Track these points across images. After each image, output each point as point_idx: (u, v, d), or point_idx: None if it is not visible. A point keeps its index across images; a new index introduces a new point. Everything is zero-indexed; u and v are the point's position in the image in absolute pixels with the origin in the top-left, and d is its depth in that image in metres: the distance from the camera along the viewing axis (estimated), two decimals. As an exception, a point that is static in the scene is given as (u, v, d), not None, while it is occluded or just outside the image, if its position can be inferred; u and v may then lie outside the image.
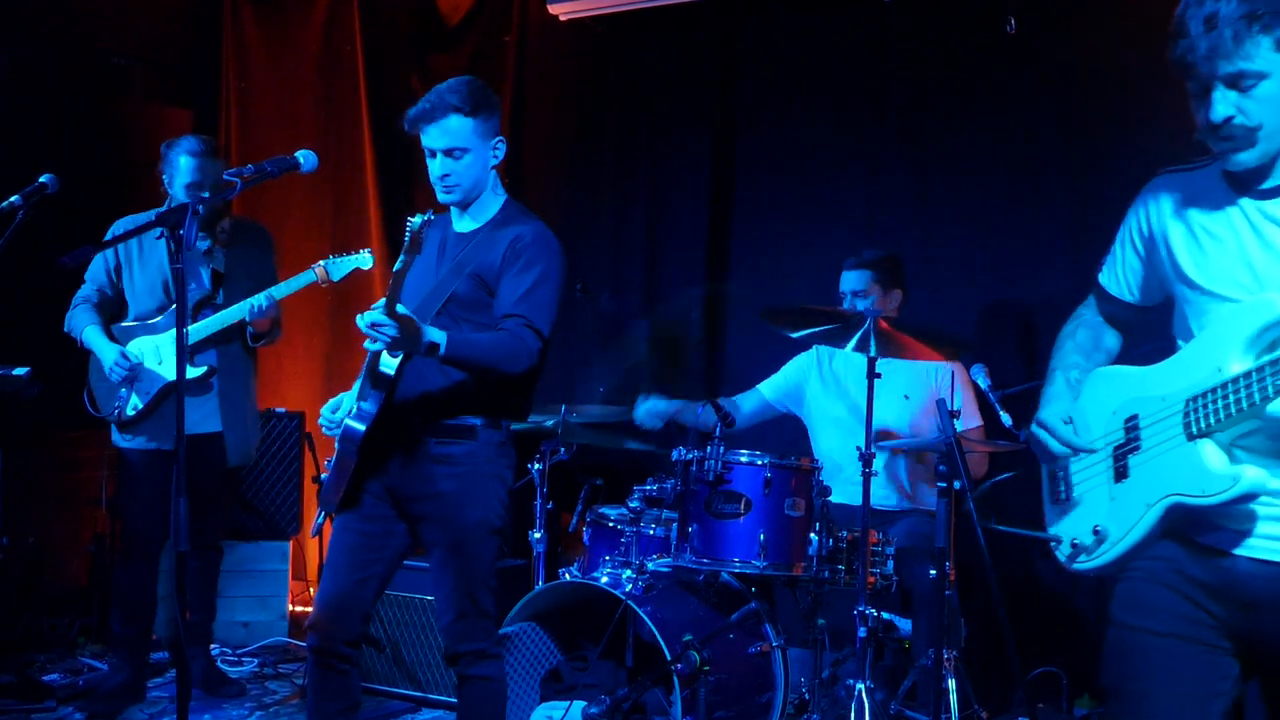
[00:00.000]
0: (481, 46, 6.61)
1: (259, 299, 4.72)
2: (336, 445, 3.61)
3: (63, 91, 6.26)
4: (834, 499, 4.36)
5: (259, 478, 6.07)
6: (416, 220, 3.30)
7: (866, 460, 3.99)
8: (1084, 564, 2.48)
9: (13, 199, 3.76)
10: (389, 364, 3.52)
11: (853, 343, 4.16)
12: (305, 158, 3.54)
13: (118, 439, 4.92)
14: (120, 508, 5.08)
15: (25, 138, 5.72)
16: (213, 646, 5.41)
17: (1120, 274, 2.63)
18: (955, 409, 4.09)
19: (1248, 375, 2.17)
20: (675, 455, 4.28)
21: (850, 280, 4.87)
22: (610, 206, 6.28)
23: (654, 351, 6.12)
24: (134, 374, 4.78)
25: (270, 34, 7.13)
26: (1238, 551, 2.27)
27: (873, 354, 4.05)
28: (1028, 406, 4.40)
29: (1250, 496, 2.21)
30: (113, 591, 5.02)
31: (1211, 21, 2.19)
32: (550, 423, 4.80)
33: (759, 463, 4.16)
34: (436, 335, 3.35)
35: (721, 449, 4.16)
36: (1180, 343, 2.43)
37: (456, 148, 3.60)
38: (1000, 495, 4.60)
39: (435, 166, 3.65)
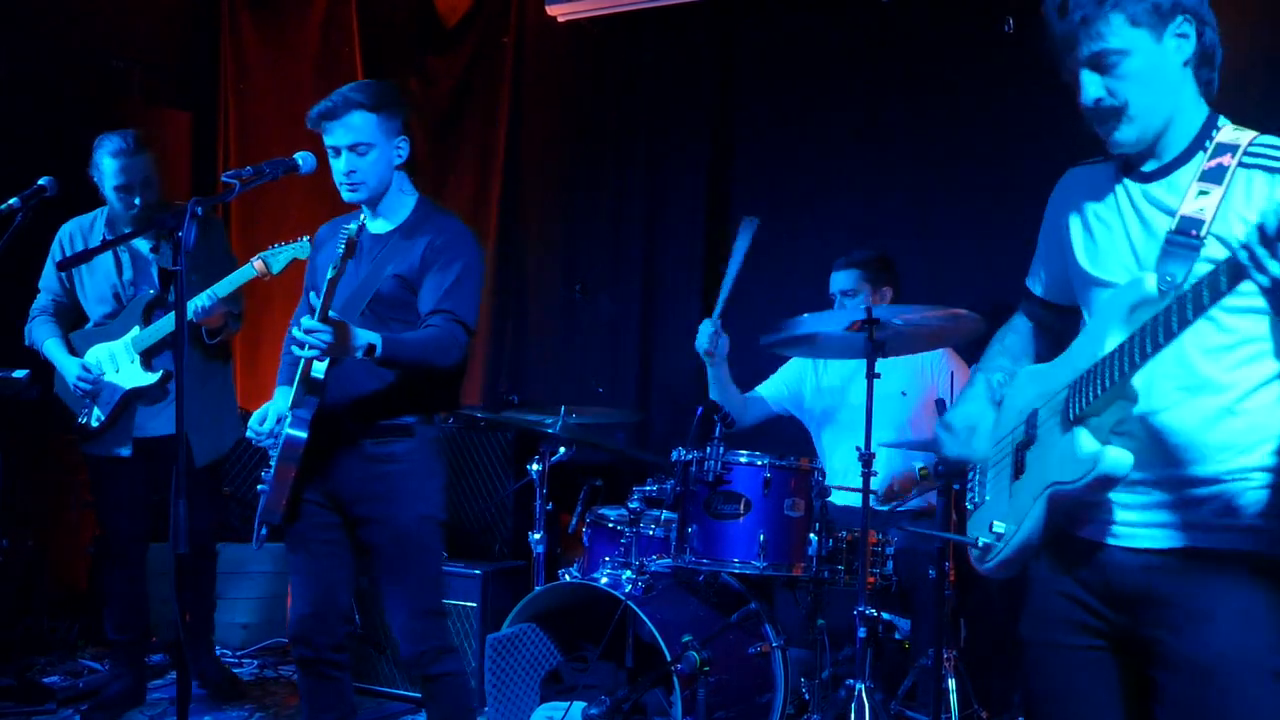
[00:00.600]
0: (479, 48, 6.61)
1: (200, 299, 4.55)
2: (273, 456, 3.61)
3: (61, 94, 6.25)
4: (837, 500, 4.38)
5: (253, 478, 6.04)
6: (353, 226, 3.34)
7: (866, 460, 3.98)
8: (987, 564, 2.40)
9: (11, 201, 3.77)
10: (320, 370, 3.55)
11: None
12: (304, 159, 3.55)
13: (85, 447, 4.85)
14: (97, 515, 5.04)
15: (24, 140, 5.71)
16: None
17: (1041, 274, 2.62)
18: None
19: (1113, 353, 2.12)
20: (675, 456, 4.28)
21: (840, 280, 4.86)
22: (608, 207, 6.28)
23: (652, 353, 6.12)
24: (97, 386, 4.70)
25: (268, 36, 7.13)
26: (1109, 541, 2.26)
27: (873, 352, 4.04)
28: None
29: (1111, 480, 2.14)
30: (104, 599, 5.00)
31: (1063, 8, 2.23)
32: (550, 423, 4.80)
33: (758, 463, 4.16)
34: (371, 337, 3.37)
35: (721, 450, 4.16)
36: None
37: (361, 143, 3.64)
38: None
39: (339, 164, 3.68)
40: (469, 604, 5.06)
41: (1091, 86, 2.28)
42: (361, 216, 3.50)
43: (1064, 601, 2.33)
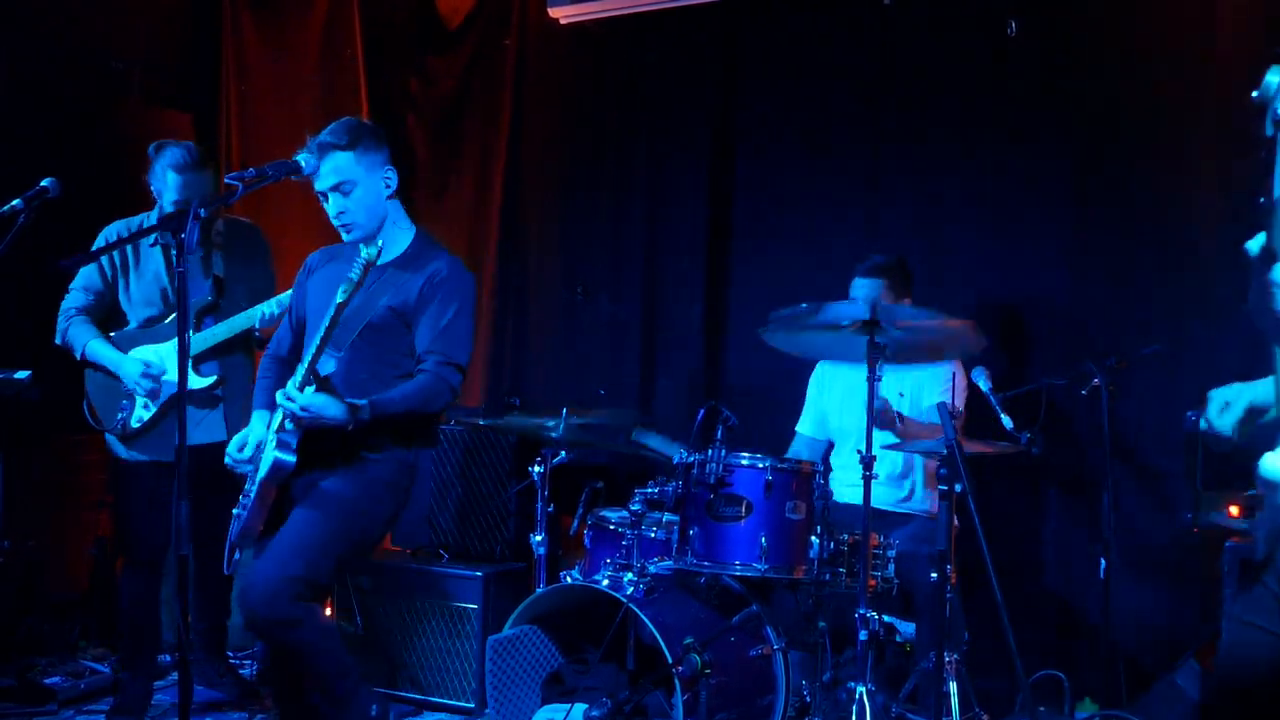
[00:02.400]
0: (481, 49, 6.61)
1: (269, 306, 4.63)
2: (254, 480, 3.63)
3: (62, 95, 6.25)
4: (843, 500, 4.40)
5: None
6: (370, 251, 3.39)
7: (867, 463, 3.98)
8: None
9: (14, 202, 3.77)
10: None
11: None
12: (306, 161, 3.56)
13: (120, 451, 4.83)
14: (120, 520, 5.03)
15: (25, 141, 5.71)
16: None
17: None
18: (957, 410, 4.10)
19: None
20: (676, 458, 4.28)
21: (863, 288, 4.83)
22: (610, 209, 6.28)
23: (653, 354, 6.12)
24: (158, 384, 4.69)
25: (269, 37, 7.13)
26: None
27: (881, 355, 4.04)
28: (1028, 409, 4.44)
29: None
30: (118, 605, 4.98)
31: None
32: (551, 425, 4.80)
33: (760, 466, 4.16)
34: (356, 410, 3.45)
35: (722, 452, 4.16)
36: None
37: (344, 182, 3.70)
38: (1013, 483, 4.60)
39: (330, 207, 3.75)
40: (470, 606, 5.06)
41: None
42: (378, 243, 3.51)
43: None
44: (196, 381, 4.70)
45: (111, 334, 4.82)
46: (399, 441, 3.71)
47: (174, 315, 4.77)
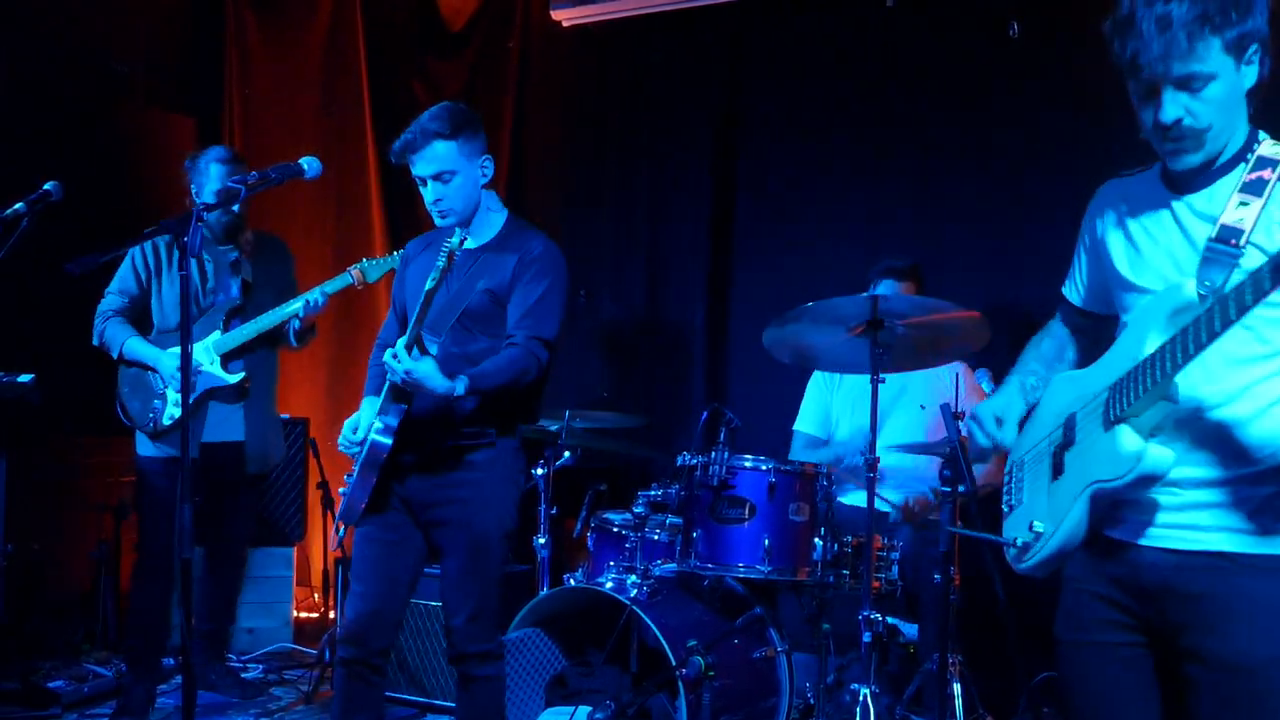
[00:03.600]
0: (484, 52, 6.62)
1: (314, 294, 4.80)
2: (358, 461, 3.67)
3: (64, 98, 6.26)
4: (846, 500, 4.37)
5: (263, 484, 6.07)
6: (455, 240, 3.42)
7: (871, 465, 3.98)
8: (1025, 563, 2.45)
9: (17, 206, 3.76)
10: None
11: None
12: (309, 164, 3.56)
13: (146, 449, 4.90)
14: (141, 521, 5.06)
15: (27, 144, 5.72)
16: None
17: (1078, 283, 2.69)
18: (960, 411, 4.09)
19: (1154, 354, 2.17)
20: (679, 460, 4.28)
21: (888, 289, 4.80)
22: (613, 211, 6.29)
23: (656, 356, 6.12)
24: (194, 376, 4.80)
25: (272, 39, 7.13)
26: (1142, 542, 2.30)
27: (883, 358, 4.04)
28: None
29: (1153, 478, 2.20)
30: (129, 606, 5.00)
31: (1165, 22, 2.20)
32: (554, 428, 4.80)
33: (763, 468, 4.16)
34: (451, 385, 3.48)
35: (725, 454, 4.16)
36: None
37: (445, 171, 3.71)
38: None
39: (428, 194, 3.76)
40: (473, 608, 5.05)
41: (1173, 106, 2.28)
42: (462, 232, 3.53)
43: (1098, 602, 2.39)
44: (227, 377, 4.86)
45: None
46: (505, 430, 3.76)
47: (203, 317, 4.89)
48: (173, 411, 4.83)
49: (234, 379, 4.86)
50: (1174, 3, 2.19)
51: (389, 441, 3.61)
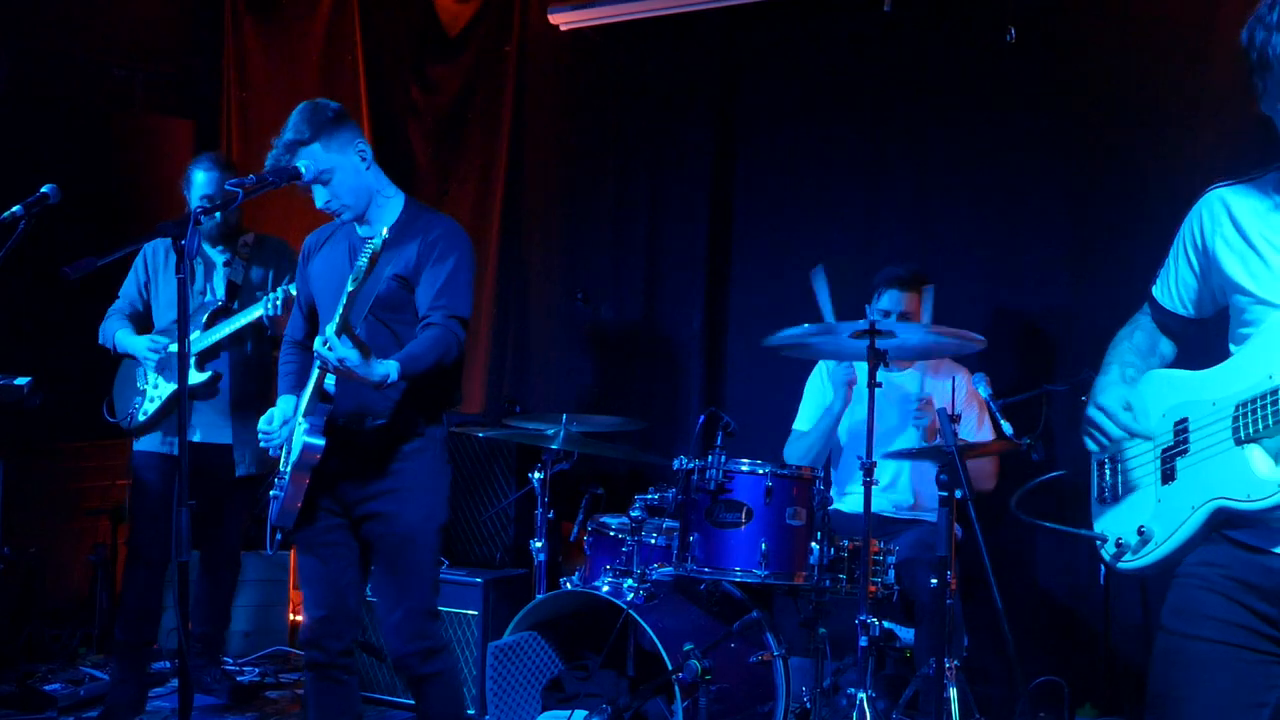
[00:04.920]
0: (482, 56, 6.62)
1: (274, 296, 4.78)
2: (288, 462, 3.64)
3: (63, 102, 6.26)
4: (845, 508, 4.39)
5: (258, 487, 6.06)
6: (378, 241, 3.34)
7: (868, 469, 3.99)
8: (1129, 563, 2.49)
9: (14, 209, 3.76)
10: (332, 381, 3.59)
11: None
12: (307, 168, 3.56)
13: (139, 444, 4.98)
14: (132, 516, 5.09)
15: (26, 148, 5.72)
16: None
17: (1173, 288, 2.63)
18: (956, 414, 4.10)
19: None
20: (676, 464, 4.28)
21: (893, 299, 4.80)
22: (611, 215, 6.28)
23: (654, 361, 6.12)
24: (165, 354, 4.85)
25: (271, 44, 7.14)
26: (1277, 549, 2.28)
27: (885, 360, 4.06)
28: (1028, 416, 4.44)
29: None
30: (120, 597, 5.03)
31: None
32: (551, 432, 4.80)
33: (760, 472, 4.16)
34: (386, 368, 3.42)
35: (722, 458, 4.16)
36: (1232, 349, 2.44)
37: (320, 171, 3.68)
38: (1027, 495, 4.59)
39: (317, 199, 3.74)
40: (470, 612, 5.06)
41: None
42: (383, 233, 3.49)
43: (1224, 602, 2.35)
44: (196, 376, 4.87)
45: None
46: (431, 419, 3.75)
47: (191, 318, 4.85)
48: (148, 407, 4.90)
49: (202, 377, 4.87)
50: None
51: (321, 441, 3.56)
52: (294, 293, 4.64)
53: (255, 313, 4.83)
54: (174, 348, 4.85)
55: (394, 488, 3.67)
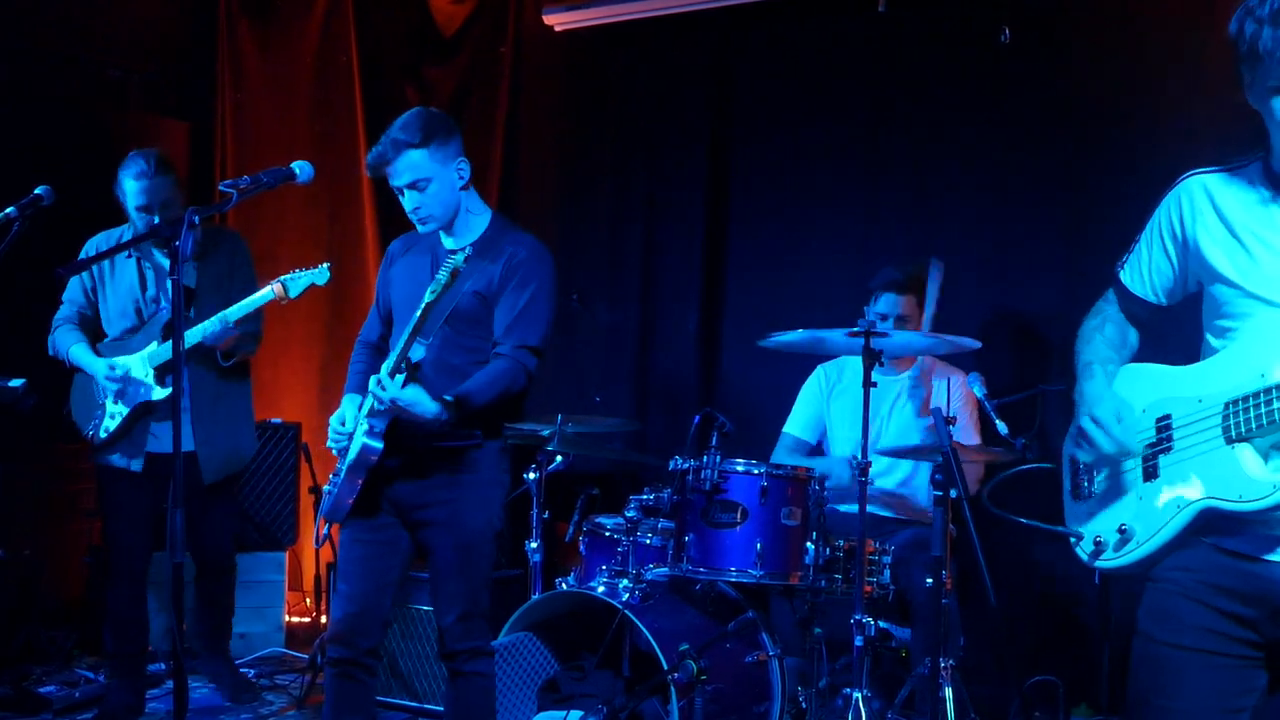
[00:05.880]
0: (477, 57, 6.62)
1: (211, 323, 4.64)
2: (346, 459, 3.67)
3: (58, 103, 6.25)
4: (843, 508, 4.42)
5: (255, 488, 6.06)
6: (460, 257, 3.42)
7: (863, 469, 3.99)
8: (1108, 562, 2.46)
9: (8, 210, 3.76)
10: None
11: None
12: (301, 169, 3.56)
13: (97, 458, 4.88)
14: (104, 524, 5.06)
15: (20, 149, 5.71)
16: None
17: (1145, 274, 2.58)
18: (951, 415, 4.10)
19: None
20: (672, 465, 4.29)
21: (890, 303, 4.81)
22: (607, 216, 6.29)
23: (649, 361, 6.12)
24: (125, 383, 4.73)
25: (266, 45, 7.13)
26: (1270, 557, 2.25)
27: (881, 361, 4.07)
28: (1023, 415, 4.44)
29: None
30: (105, 611, 5.00)
31: (1277, 19, 2.16)
32: (547, 432, 4.80)
33: (755, 472, 4.16)
34: (439, 409, 3.49)
35: (718, 458, 4.16)
36: (1212, 341, 2.41)
37: (419, 179, 3.70)
38: (1004, 491, 4.59)
39: (406, 202, 3.76)
40: (466, 613, 5.06)
41: None
42: (467, 250, 3.53)
43: (1200, 608, 2.33)
44: (158, 393, 4.73)
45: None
46: (491, 432, 3.77)
47: (143, 329, 4.81)
48: (108, 424, 4.78)
49: (164, 393, 4.69)
50: None
51: (380, 445, 3.62)
52: (231, 320, 4.62)
53: (195, 339, 4.65)
54: (135, 372, 4.73)
55: (452, 498, 3.72)
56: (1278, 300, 2.28)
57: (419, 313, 3.45)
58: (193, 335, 4.67)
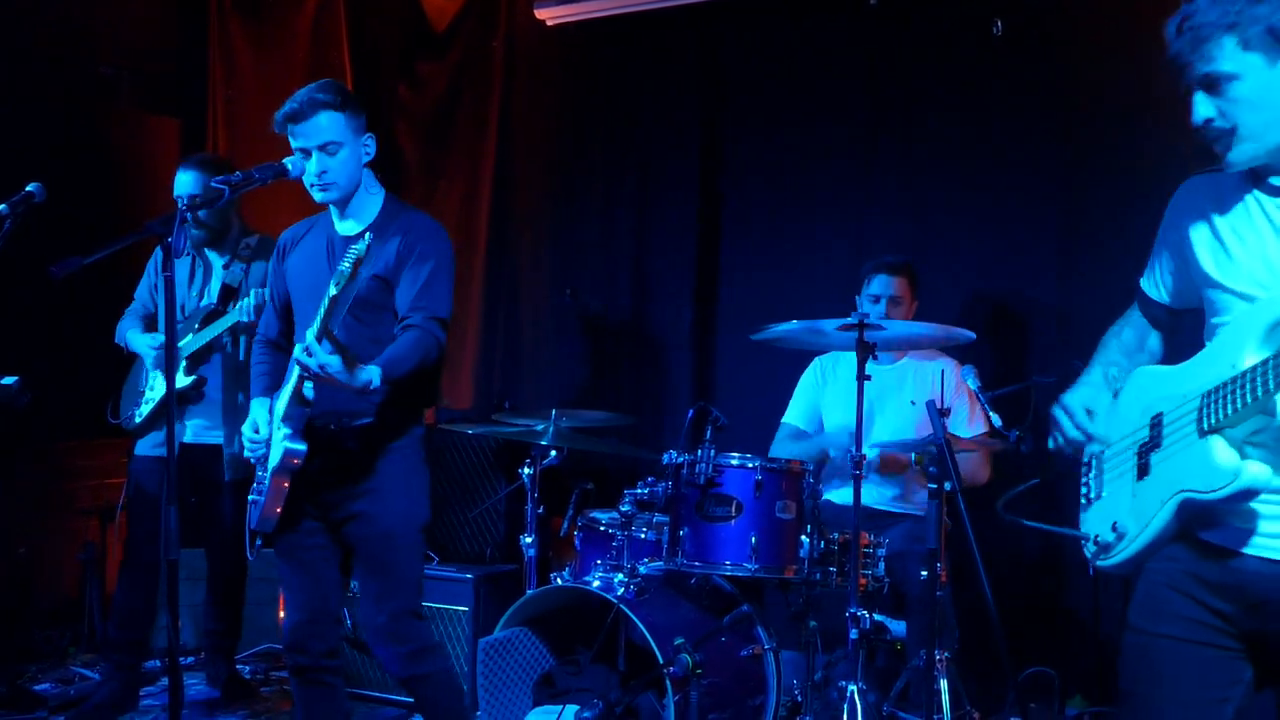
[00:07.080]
0: (468, 52, 6.61)
1: (248, 300, 4.72)
2: (268, 466, 3.62)
3: (49, 100, 6.24)
4: (835, 499, 4.41)
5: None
6: (362, 245, 3.29)
7: (857, 462, 3.99)
8: (1105, 561, 2.49)
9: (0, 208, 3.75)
10: (311, 387, 3.55)
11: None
12: (293, 164, 3.57)
13: (139, 448, 5.00)
14: (128, 519, 5.09)
15: (12, 147, 5.70)
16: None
17: (1157, 278, 2.64)
18: (945, 407, 4.10)
19: (1255, 369, 2.16)
20: (666, 459, 4.28)
21: (883, 284, 4.84)
22: (600, 210, 6.28)
23: (643, 356, 6.12)
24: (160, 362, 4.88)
25: (257, 42, 7.12)
26: (1246, 550, 2.27)
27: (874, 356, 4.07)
28: (1017, 408, 4.44)
29: (1252, 493, 2.21)
30: (113, 596, 5.03)
31: (1179, 28, 2.25)
32: (540, 427, 4.80)
33: (750, 465, 4.16)
34: (369, 374, 3.41)
35: (712, 452, 4.16)
36: (1206, 341, 2.44)
37: (331, 142, 3.67)
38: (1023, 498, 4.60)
39: (311, 165, 3.69)
40: (460, 608, 5.06)
41: (1202, 107, 2.29)
42: (366, 239, 3.45)
43: (1184, 599, 2.36)
44: (182, 381, 4.86)
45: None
46: (411, 418, 3.73)
47: (184, 322, 4.90)
48: (143, 409, 4.92)
49: (187, 381, 4.86)
50: (1197, 7, 2.23)
51: (303, 446, 3.56)
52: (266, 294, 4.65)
53: (229, 321, 4.79)
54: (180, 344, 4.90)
55: (373, 488, 3.66)
56: (1252, 293, 2.30)
57: (324, 306, 3.32)
58: (219, 325, 4.84)
